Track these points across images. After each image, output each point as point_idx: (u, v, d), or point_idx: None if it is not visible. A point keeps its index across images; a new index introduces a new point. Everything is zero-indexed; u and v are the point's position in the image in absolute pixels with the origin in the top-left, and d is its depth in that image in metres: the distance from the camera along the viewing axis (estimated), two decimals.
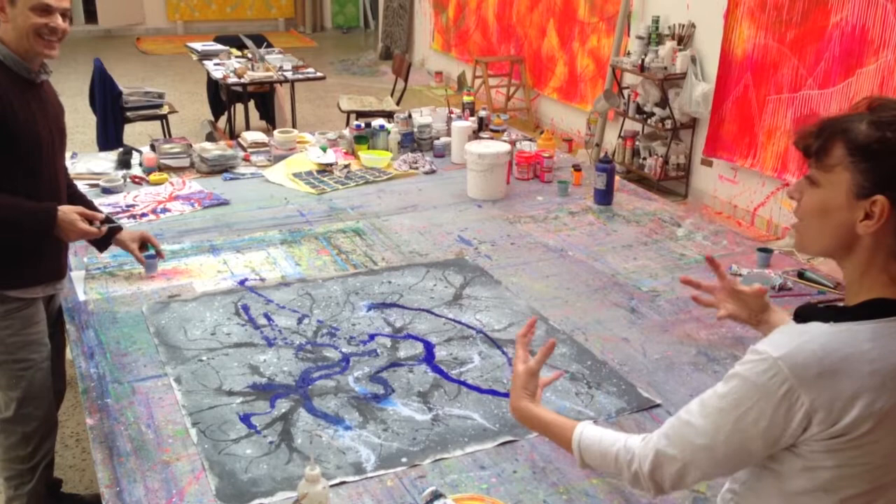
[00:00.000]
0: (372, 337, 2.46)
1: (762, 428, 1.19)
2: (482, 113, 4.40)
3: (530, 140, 4.20)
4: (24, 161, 2.31)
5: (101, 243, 2.70)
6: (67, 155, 3.95)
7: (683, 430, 1.28)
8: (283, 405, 2.11)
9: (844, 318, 1.20)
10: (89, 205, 2.67)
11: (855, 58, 4.51)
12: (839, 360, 1.15)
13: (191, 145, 3.99)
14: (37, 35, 2.25)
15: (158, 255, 2.81)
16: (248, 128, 6.26)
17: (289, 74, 6.52)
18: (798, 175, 4.78)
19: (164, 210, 3.40)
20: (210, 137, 6.26)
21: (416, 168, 3.97)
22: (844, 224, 1.20)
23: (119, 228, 2.73)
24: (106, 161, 3.92)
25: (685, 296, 2.72)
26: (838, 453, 1.19)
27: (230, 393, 2.16)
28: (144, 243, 2.78)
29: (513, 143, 4.00)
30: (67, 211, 2.39)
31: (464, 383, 2.23)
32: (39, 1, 2.24)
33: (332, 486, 1.78)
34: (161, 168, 3.82)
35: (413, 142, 4.24)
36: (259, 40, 7.31)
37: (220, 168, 3.86)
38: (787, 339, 1.20)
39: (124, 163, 3.85)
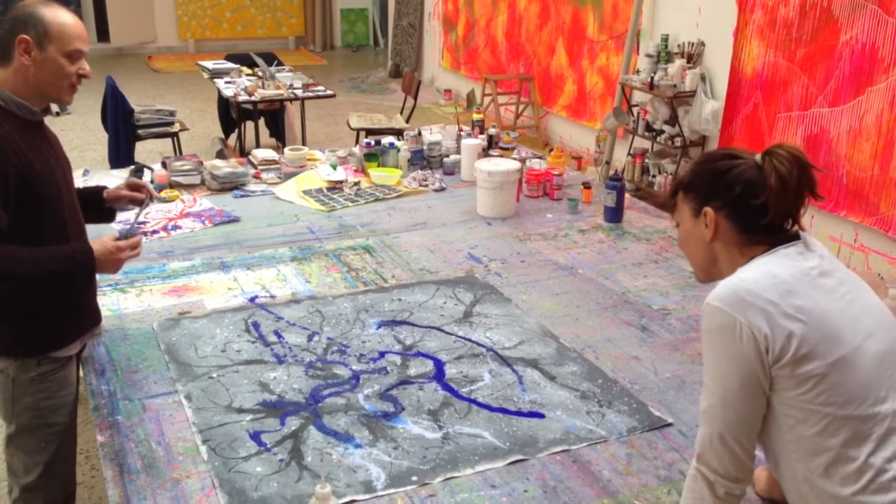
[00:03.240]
0: (382, 354, 2.46)
1: (736, 362, 1.45)
2: (492, 131, 4.41)
3: (540, 158, 4.21)
4: (48, 211, 2.13)
5: (104, 213, 2.51)
6: (79, 173, 3.99)
7: (701, 409, 1.52)
8: (293, 423, 2.11)
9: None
10: (96, 192, 2.49)
11: (865, 76, 4.51)
12: (752, 280, 1.48)
13: (202, 162, 4.01)
14: (69, 83, 2.14)
15: (150, 195, 2.53)
16: (258, 145, 6.29)
17: (299, 92, 6.56)
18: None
19: (175, 227, 3.41)
20: (220, 155, 6.30)
21: (426, 185, 3.98)
22: (700, 240, 1.62)
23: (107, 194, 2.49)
24: (118, 178, 3.94)
25: (696, 314, 2.71)
26: (800, 380, 1.43)
27: (240, 410, 2.16)
28: (137, 190, 2.52)
29: (522, 160, 4.01)
30: (103, 241, 2.18)
31: (474, 401, 2.22)
32: (75, 48, 2.10)
33: None
34: (172, 185, 3.84)
35: (423, 159, 4.25)
36: (269, 58, 7.34)
37: (230, 185, 3.87)
38: (713, 289, 1.53)
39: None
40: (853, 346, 1.45)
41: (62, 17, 2.10)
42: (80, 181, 3.82)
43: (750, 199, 1.53)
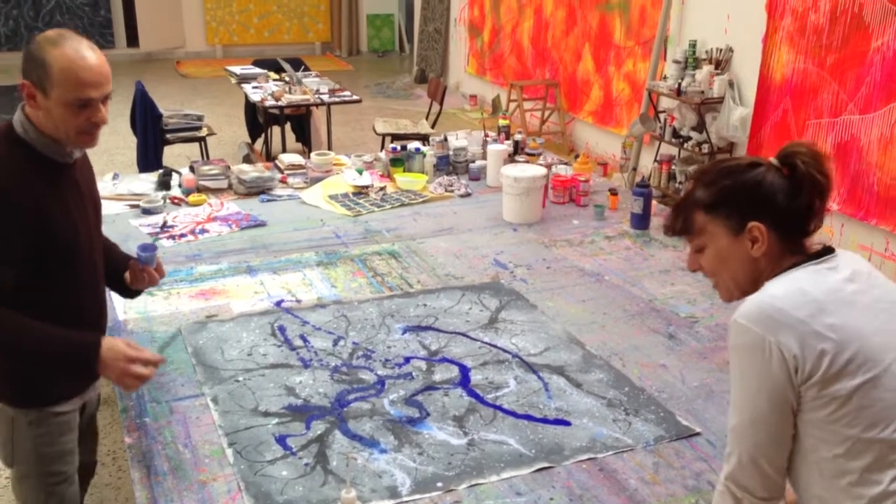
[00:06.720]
0: (407, 360, 2.46)
1: (766, 382, 1.40)
2: (518, 136, 4.40)
3: (566, 164, 4.19)
4: (62, 258, 1.93)
5: (125, 289, 2.27)
6: (109, 176, 4.03)
7: (729, 426, 1.46)
8: (318, 427, 2.11)
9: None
10: (123, 259, 2.25)
11: None
12: (782, 297, 1.41)
13: (229, 167, 4.04)
14: (77, 133, 1.87)
15: (153, 276, 2.22)
16: (284, 150, 6.32)
17: (325, 97, 6.58)
18: (837, 200, 4.71)
19: (203, 231, 3.43)
20: (247, 159, 6.33)
21: (452, 191, 3.98)
22: (744, 258, 1.51)
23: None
24: (146, 182, 3.98)
25: (724, 322, 2.69)
26: (826, 401, 1.38)
27: (266, 414, 2.16)
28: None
29: (549, 166, 4.00)
30: (116, 345, 1.93)
31: (499, 408, 2.21)
32: (77, 97, 1.81)
33: None
34: (200, 189, 3.87)
35: (448, 165, 4.25)
36: (296, 64, 7.38)
37: (257, 190, 3.90)
38: (741, 304, 1.47)
39: (164, 184, 3.90)
40: (884, 366, 1.40)
41: (66, 60, 1.79)
42: (109, 185, 3.87)
43: (792, 205, 1.49)
